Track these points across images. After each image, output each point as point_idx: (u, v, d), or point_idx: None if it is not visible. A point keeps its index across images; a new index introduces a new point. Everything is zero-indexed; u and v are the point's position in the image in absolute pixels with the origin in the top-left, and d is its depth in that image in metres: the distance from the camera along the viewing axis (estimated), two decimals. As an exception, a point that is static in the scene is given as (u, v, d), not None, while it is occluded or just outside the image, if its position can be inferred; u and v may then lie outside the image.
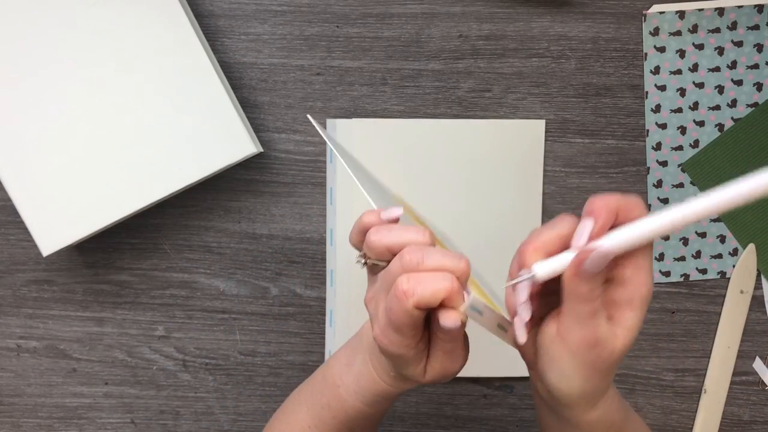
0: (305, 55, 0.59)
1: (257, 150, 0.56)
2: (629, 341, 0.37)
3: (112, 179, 0.55)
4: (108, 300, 0.61)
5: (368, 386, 0.43)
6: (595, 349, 0.37)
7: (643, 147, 0.60)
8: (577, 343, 0.37)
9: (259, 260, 0.61)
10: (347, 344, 0.46)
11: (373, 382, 0.43)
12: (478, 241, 0.60)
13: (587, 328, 0.36)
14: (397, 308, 0.36)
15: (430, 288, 0.36)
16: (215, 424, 0.62)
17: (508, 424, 0.63)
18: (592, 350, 0.37)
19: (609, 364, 0.37)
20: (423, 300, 0.36)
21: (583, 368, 0.37)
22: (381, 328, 0.38)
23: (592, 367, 0.37)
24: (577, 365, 0.37)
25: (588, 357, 0.37)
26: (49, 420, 0.62)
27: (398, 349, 0.38)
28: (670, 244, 0.61)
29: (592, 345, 0.36)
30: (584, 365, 0.37)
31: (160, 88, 0.54)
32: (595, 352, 0.37)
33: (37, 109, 0.54)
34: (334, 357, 0.46)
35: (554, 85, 0.60)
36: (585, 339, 0.36)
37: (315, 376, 0.47)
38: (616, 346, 0.37)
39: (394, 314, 0.37)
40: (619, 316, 0.37)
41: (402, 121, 0.59)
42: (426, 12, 0.59)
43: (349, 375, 0.44)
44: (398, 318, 0.37)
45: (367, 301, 0.41)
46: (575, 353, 0.37)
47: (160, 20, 0.54)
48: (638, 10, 0.59)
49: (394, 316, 0.37)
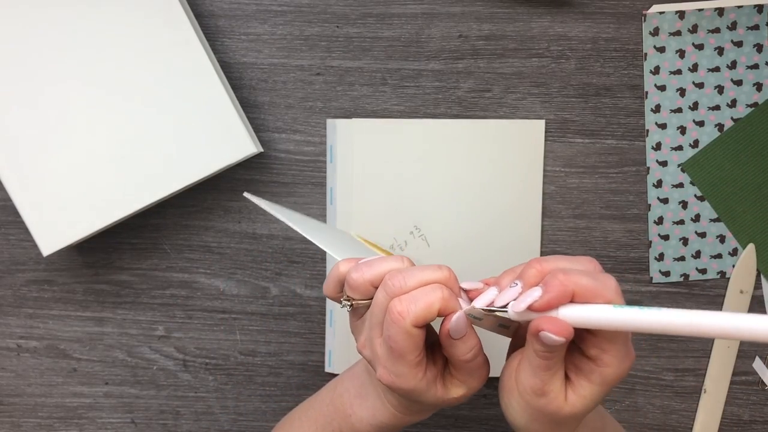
0: (305, 55, 0.59)
1: (257, 150, 0.56)
2: (579, 409, 0.36)
3: (112, 179, 0.55)
4: (108, 300, 0.61)
5: (386, 420, 0.43)
6: (541, 399, 0.36)
7: (643, 147, 0.60)
8: (524, 386, 0.37)
9: (259, 260, 0.61)
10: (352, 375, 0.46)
11: (393, 416, 0.43)
12: (478, 241, 0.60)
13: (537, 378, 0.36)
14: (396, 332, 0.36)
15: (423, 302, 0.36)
16: (215, 423, 0.63)
17: (508, 425, 0.63)
18: (538, 399, 0.36)
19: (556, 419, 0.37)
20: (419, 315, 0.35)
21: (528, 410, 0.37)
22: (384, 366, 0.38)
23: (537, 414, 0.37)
24: (523, 405, 0.37)
25: (533, 403, 0.37)
26: (50, 420, 0.62)
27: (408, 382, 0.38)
28: (670, 244, 0.61)
29: (538, 394, 0.36)
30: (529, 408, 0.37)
31: (160, 88, 0.54)
32: (540, 402, 0.36)
33: (37, 109, 0.54)
34: (341, 386, 0.46)
35: (554, 85, 0.60)
36: (533, 386, 0.36)
37: (321, 400, 0.47)
38: (563, 407, 0.36)
39: (394, 341, 0.36)
40: (575, 382, 0.37)
41: (402, 121, 0.59)
42: (426, 12, 0.59)
43: (363, 408, 0.44)
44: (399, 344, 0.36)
45: (360, 348, 0.40)
46: (522, 394, 0.37)
47: (160, 20, 0.54)
48: (638, 10, 0.59)
49: (394, 343, 0.36)
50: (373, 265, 0.38)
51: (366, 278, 0.38)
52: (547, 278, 0.35)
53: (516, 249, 0.60)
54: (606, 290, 0.34)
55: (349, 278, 0.39)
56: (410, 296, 0.36)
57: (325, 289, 0.42)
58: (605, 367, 0.36)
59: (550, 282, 0.34)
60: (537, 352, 0.35)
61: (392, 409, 0.42)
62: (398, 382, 0.38)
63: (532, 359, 0.36)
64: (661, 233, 0.61)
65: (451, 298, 0.36)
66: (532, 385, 0.36)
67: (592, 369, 0.36)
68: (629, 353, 0.36)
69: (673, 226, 0.61)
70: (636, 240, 0.61)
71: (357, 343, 0.41)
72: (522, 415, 0.38)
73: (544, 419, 0.37)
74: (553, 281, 0.34)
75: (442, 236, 0.59)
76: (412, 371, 0.37)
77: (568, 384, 0.37)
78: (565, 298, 0.34)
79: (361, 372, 0.45)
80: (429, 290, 0.36)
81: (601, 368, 0.36)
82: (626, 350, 0.36)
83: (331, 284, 0.41)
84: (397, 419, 0.43)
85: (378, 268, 0.38)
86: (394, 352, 0.37)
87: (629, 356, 0.36)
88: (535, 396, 0.36)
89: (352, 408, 0.44)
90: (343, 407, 0.45)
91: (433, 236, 0.59)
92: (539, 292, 0.34)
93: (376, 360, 0.38)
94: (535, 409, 0.37)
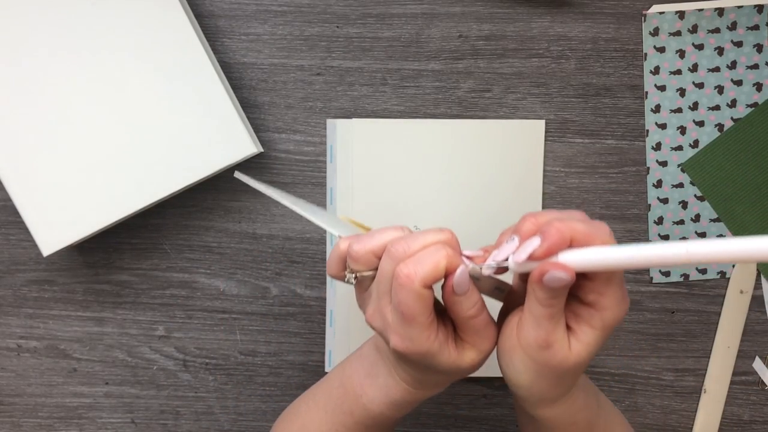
0: (305, 55, 0.59)
1: (257, 150, 0.56)
2: (583, 357, 0.37)
3: (112, 179, 0.55)
4: (108, 300, 0.61)
5: (399, 397, 0.43)
6: (546, 351, 0.37)
7: (643, 147, 0.60)
8: (528, 340, 0.37)
9: (260, 260, 0.61)
10: (362, 355, 0.45)
11: (405, 391, 0.43)
12: (478, 241, 0.59)
13: (541, 329, 0.37)
14: (406, 295, 0.36)
15: (430, 262, 0.36)
16: (215, 423, 0.63)
17: (508, 424, 0.63)
18: (542, 351, 0.37)
19: (560, 371, 0.37)
20: (427, 275, 0.36)
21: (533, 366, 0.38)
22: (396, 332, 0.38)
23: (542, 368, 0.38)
24: (527, 362, 0.38)
25: (538, 357, 0.37)
26: (50, 420, 0.62)
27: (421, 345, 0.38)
28: (670, 244, 0.61)
29: (543, 347, 0.37)
30: (533, 363, 0.38)
31: (160, 88, 0.55)
32: (545, 355, 0.37)
33: (37, 109, 0.54)
34: (350, 367, 0.46)
35: (554, 85, 0.60)
36: (537, 339, 0.37)
37: (330, 383, 0.47)
38: (569, 356, 0.37)
39: (405, 304, 0.36)
40: (577, 330, 0.37)
41: (402, 121, 0.59)
42: (426, 12, 0.59)
43: (374, 388, 0.43)
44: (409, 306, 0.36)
45: (369, 318, 0.40)
46: (525, 349, 0.37)
47: (160, 20, 0.54)
48: (638, 10, 0.59)
49: (404, 307, 0.36)
50: (374, 236, 0.39)
51: (368, 248, 0.39)
52: (543, 228, 0.35)
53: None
54: (601, 234, 0.35)
55: (351, 251, 0.39)
56: (415, 258, 0.36)
57: (329, 269, 0.42)
58: (605, 310, 0.36)
59: (547, 230, 0.35)
60: (540, 300, 0.36)
61: (405, 384, 0.42)
62: (412, 346, 0.38)
63: (535, 309, 0.36)
64: (661, 233, 0.61)
65: (455, 256, 0.37)
66: (536, 338, 0.37)
67: (592, 314, 0.37)
68: (625, 297, 0.37)
69: (673, 226, 0.61)
70: (636, 240, 0.61)
71: (365, 316, 0.41)
72: (526, 372, 0.38)
73: (549, 374, 0.38)
74: (550, 229, 0.35)
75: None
76: (424, 333, 0.37)
77: (570, 333, 0.37)
78: (563, 244, 0.35)
79: (370, 352, 0.45)
80: (433, 250, 0.37)
81: (600, 312, 0.37)
82: (622, 293, 0.37)
83: (334, 263, 0.42)
84: (410, 395, 0.43)
85: (379, 237, 0.39)
86: (405, 317, 0.37)
87: (625, 300, 0.37)
88: (540, 349, 0.37)
89: (362, 388, 0.44)
90: (353, 388, 0.44)
91: (433, 236, 0.59)
92: (538, 241, 0.35)
93: (387, 328, 0.39)
94: (541, 364, 0.37)
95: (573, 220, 0.35)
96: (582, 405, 0.42)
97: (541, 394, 0.39)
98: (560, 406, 0.41)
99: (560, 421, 0.41)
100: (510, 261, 0.37)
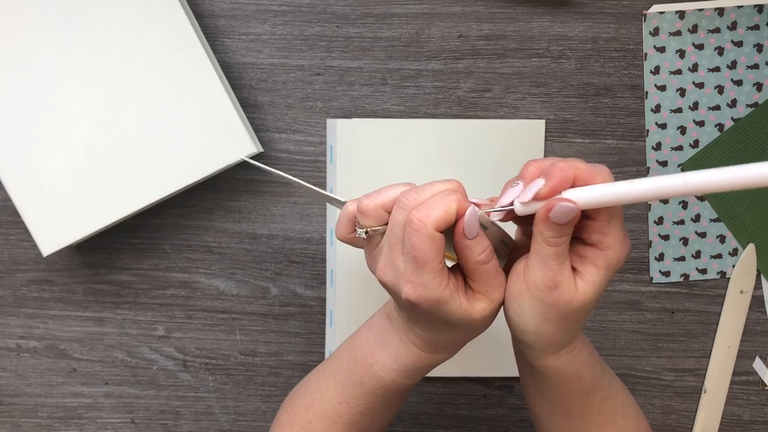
0: (305, 55, 0.59)
1: (257, 150, 0.56)
2: (590, 296, 0.38)
3: (112, 179, 0.55)
4: (108, 300, 0.61)
5: (410, 362, 0.43)
6: (554, 292, 0.38)
7: (643, 147, 0.60)
8: (536, 281, 0.38)
9: (259, 260, 0.61)
10: (371, 325, 0.46)
11: (417, 356, 0.43)
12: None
13: (548, 269, 0.37)
14: (419, 239, 0.37)
15: (441, 206, 0.37)
16: (215, 423, 0.63)
17: (508, 424, 0.63)
18: (550, 292, 0.38)
19: (566, 312, 0.38)
20: (440, 218, 0.37)
21: (540, 309, 0.39)
22: (409, 279, 0.38)
23: (549, 310, 0.38)
24: (535, 304, 0.39)
25: (546, 298, 0.38)
26: (50, 420, 0.62)
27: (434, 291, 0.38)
28: (670, 245, 0.61)
29: (550, 287, 0.38)
30: (541, 306, 0.38)
31: (160, 88, 0.54)
32: (553, 296, 0.38)
33: (37, 110, 0.54)
34: (361, 337, 0.46)
35: (554, 85, 0.60)
36: (544, 279, 0.38)
37: (340, 356, 0.47)
38: (576, 296, 0.38)
39: (418, 249, 0.37)
40: (582, 270, 0.38)
41: (402, 121, 0.59)
42: (426, 12, 0.59)
43: (385, 354, 0.44)
44: (423, 251, 0.37)
45: (381, 272, 0.41)
46: (533, 291, 0.38)
47: (160, 20, 0.54)
48: (638, 10, 0.59)
49: (418, 251, 0.37)
50: (382, 191, 0.40)
51: (378, 203, 0.40)
52: (546, 169, 0.37)
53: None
54: (602, 172, 0.37)
55: (361, 206, 0.40)
56: (427, 203, 0.38)
57: (337, 232, 0.43)
58: (608, 249, 0.38)
59: (551, 171, 0.36)
60: (546, 240, 0.37)
61: (416, 348, 0.43)
62: (425, 293, 0.38)
63: (542, 250, 0.37)
64: (661, 233, 0.61)
65: (464, 200, 0.38)
66: (543, 278, 0.38)
67: (596, 254, 0.38)
68: (626, 238, 0.38)
69: (673, 226, 0.61)
70: (636, 240, 0.61)
71: (376, 272, 0.41)
72: (533, 316, 0.39)
73: (556, 315, 0.39)
74: (553, 170, 0.36)
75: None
76: (436, 279, 0.38)
77: (576, 275, 0.38)
78: (567, 183, 0.36)
79: (380, 320, 0.45)
80: (443, 195, 0.38)
81: (604, 252, 0.38)
82: (623, 234, 0.38)
83: (343, 224, 0.43)
84: (422, 359, 0.43)
85: (388, 192, 0.40)
86: (418, 261, 0.38)
87: (627, 241, 0.38)
88: (548, 290, 0.38)
89: (373, 357, 0.44)
90: (364, 357, 0.45)
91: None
92: (542, 181, 0.36)
93: (399, 279, 0.39)
94: (548, 305, 0.38)
95: (575, 160, 0.37)
96: (586, 359, 0.43)
97: (548, 340, 0.40)
98: (565, 356, 0.41)
99: (564, 373, 0.42)
100: (516, 203, 0.38)
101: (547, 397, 0.44)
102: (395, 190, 0.40)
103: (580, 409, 0.44)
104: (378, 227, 0.40)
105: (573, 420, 0.45)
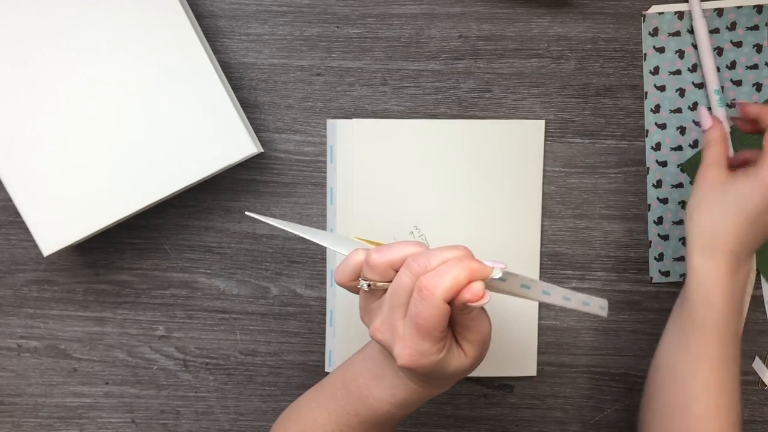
0: (305, 55, 0.59)
1: (257, 150, 0.56)
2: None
3: (112, 179, 0.55)
4: (108, 300, 0.61)
5: (407, 396, 0.44)
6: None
7: (643, 147, 0.60)
8: None
9: (260, 260, 0.61)
10: (365, 357, 0.46)
11: (413, 390, 0.43)
12: (478, 241, 0.60)
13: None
14: (425, 308, 0.37)
15: (452, 275, 0.37)
16: (216, 423, 0.63)
17: (508, 424, 0.63)
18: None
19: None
20: (450, 288, 0.37)
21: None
22: (409, 344, 0.38)
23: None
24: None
25: None
26: (50, 420, 0.62)
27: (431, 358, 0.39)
28: (670, 244, 0.61)
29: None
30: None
31: (160, 88, 0.55)
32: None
33: (37, 109, 0.54)
34: (353, 369, 0.46)
35: (554, 86, 0.60)
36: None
37: (333, 384, 0.47)
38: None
39: (423, 317, 0.37)
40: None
41: (402, 121, 0.59)
42: (426, 12, 0.59)
43: (381, 389, 0.44)
44: (428, 319, 0.37)
45: (376, 330, 0.41)
46: None
47: (160, 20, 0.54)
48: (638, 10, 0.59)
49: (422, 319, 0.37)
50: (393, 248, 0.40)
51: (386, 259, 0.40)
52: None
53: (516, 249, 0.60)
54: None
55: (369, 260, 0.40)
56: (437, 271, 0.38)
57: (338, 276, 0.43)
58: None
59: None
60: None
61: (412, 384, 0.43)
62: (422, 359, 0.39)
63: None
64: (661, 233, 0.61)
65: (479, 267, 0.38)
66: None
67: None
68: None
69: (673, 226, 0.61)
70: (636, 240, 0.61)
71: (370, 328, 0.41)
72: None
73: None
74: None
75: (442, 236, 0.59)
76: (435, 347, 0.38)
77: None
78: None
79: (374, 353, 0.45)
80: (453, 263, 0.38)
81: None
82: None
83: (347, 271, 0.42)
84: (418, 394, 0.43)
85: (398, 250, 0.40)
86: (420, 329, 0.38)
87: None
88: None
89: (368, 389, 0.44)
90: (359, 390, 0.45)
91: (433, 236, 0.60)
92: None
93: (395, 341, 0.39)
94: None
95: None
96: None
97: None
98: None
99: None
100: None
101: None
102: (406, 249, 0.40)
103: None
104: (382, 283, 0.40)
105: None
